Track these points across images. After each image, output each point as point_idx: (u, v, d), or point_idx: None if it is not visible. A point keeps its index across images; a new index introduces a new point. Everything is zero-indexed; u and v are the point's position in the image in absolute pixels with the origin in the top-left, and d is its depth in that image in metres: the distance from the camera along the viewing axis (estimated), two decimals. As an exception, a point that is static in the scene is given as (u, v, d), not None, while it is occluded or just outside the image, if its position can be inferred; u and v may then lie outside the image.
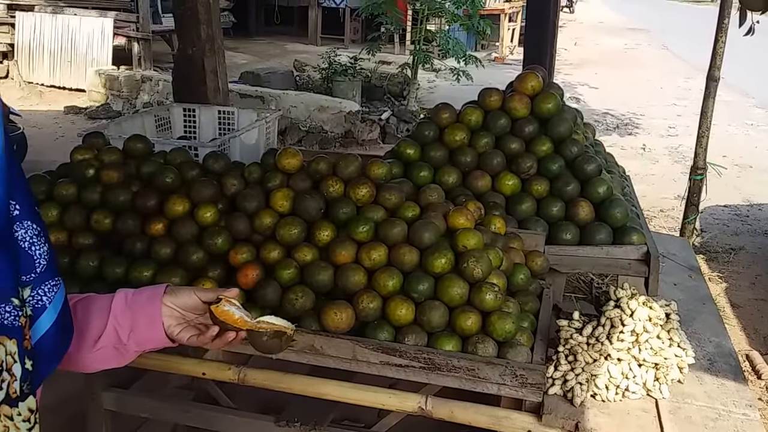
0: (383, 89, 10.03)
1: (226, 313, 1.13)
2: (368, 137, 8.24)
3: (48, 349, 0.96)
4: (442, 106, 2.33)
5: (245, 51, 13.36)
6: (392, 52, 13.19)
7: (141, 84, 9.33)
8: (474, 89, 2.63)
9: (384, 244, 1.84)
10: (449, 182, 2.21)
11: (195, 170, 2.04)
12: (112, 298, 1.14)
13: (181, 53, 4.61)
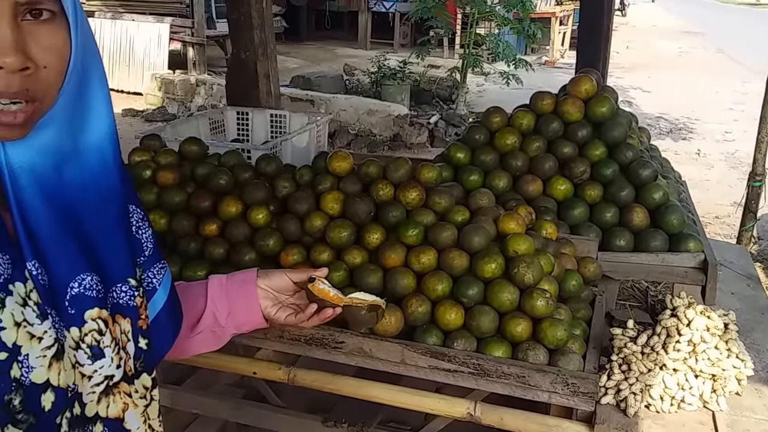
0: (432, 93, 10.02)
1: (323, 290, 1.18)
2: (416, 141, 8.22)
3: (161, 330, 1.00)
4: (493, 109, 2.31)
5: (296, 55, 13.52)
6: (441, 56, 13.16)
7: (195, 88, 9.52)
8: (524, 93, 2.60)
9: (433, 248, 1.82)
10: (500, 186, 2.18)
11: (248, 172, 2.06)
12: (206, 284, 1.17)
13: (235, 57, 4.68)
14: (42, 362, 0.78)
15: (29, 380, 0.77)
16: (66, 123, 0.81)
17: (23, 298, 0.78)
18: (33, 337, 0.78)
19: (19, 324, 0.77)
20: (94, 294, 0.86)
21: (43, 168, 0.80)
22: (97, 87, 0.84)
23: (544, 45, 14.95)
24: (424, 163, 2.03)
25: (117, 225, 0.90)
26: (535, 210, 2.06)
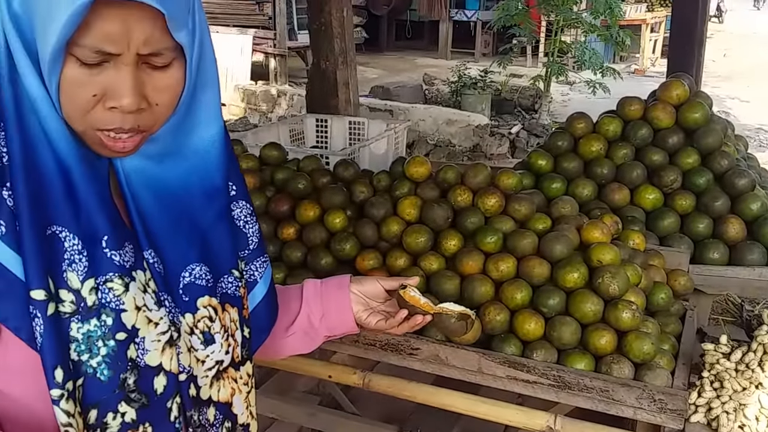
0: (513, 102, 9.92)
1: (414, 298, 1.20)
2: (497, 151, 8.15)
3: (260, 321, 1.08)
4: (577, 115, 2.27)
5: (375, 66, 13.68)
6: (524, 65, 13.03)
7: (276, 98, 9.78)
8: (611, 103, 2.54)
9: (512, 256, 1.81)
10: (583, 195, 2.14)
11: (326, 177, 2.11)
12: (302, 287, 1.24)
13: (315, 67, 4.79)
14: (156, 346, 0.86)
15: (144, 362, 0.85)
16: (173, 134, 0.90)
17: (143, 285, 0.86)
18: (150, 322, 0.86)
19: (139, 308, 0.85)
20: (204, 283, 0.94)
21: (152, 170, 0.90)
22: (208, 100, 0.92)
23: (634, 53, 14.56)
24: (504, 169, 2.02)
25: (221, 220, 0.98)
26: (622, 220, 2.02)
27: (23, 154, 0.79)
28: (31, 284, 0.78)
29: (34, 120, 0.80)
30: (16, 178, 0.79)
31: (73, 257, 0.81)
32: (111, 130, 0.81)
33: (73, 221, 0.82)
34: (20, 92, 0.80)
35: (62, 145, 0.81)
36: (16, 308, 0.78)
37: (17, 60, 0.79)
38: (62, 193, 0.81)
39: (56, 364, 0.79)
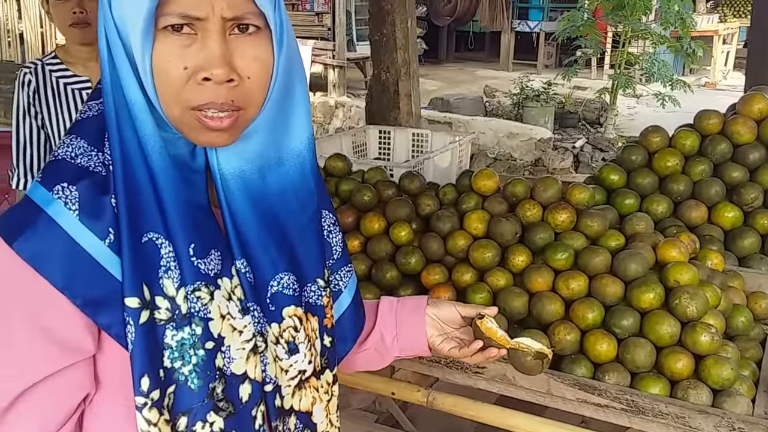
0: (578, 116, 9.80)
1: (491, 329, 1.19)
2: (560, 166, 8.05)
3: (344, 330, 1.11)
4: (652, 129, 2.23)
5: (435, 77, 13.71)
6: (588, 77, 12.85)
7: (334, 110, 9.89)
8: (681, 116, 2.48)
9: (584, 274, 1.78)
10: (658, 212, 2.10)
11: (391, 189, 2.12)
12: (377, 304, 1.25)
13: (376, 78, 4.84)
14: (241, 354, 0.88)
15: (230, 370, 0.88)
16: (270, 132, 0.92)
17: (228, 293, 0.88)
18: (234, 330, 0.88)
19: (223, 316, 0.87)
20: (291, 293, 0.96)
21: (250, 174, 0.92)
22: (299, 97, 0.95)
23: (704, 65, 14.21)
24: (575, 183, 2.00)
25: (311, 228, 1.00)
26: (699, 239, 1.97)
27: (122, 161, 0.83)
28: (125, 291, 0.81)
29: (131, 126, 0.84)
30: (117, 185, 0.82)
31: (169, 264, 0.84)
32: (206, 107, 0.83)
33: (168, 228, 0.84)
34: (120, 99, 0.83)
35: (157, 151, 0.84)
36: (121, 316, 0.81)
37: (118, 64, 0.83)
38: (156, 200, 0.84)
39: (144, 372, 0.81)
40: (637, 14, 8.75)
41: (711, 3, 15.63)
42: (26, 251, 0.78)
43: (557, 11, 14.85)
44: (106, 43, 0.84)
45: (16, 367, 0.80)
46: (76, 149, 0.85)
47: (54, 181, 0.82)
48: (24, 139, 2.42)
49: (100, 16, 0.84)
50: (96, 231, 0.81)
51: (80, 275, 0.79)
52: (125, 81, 0.83)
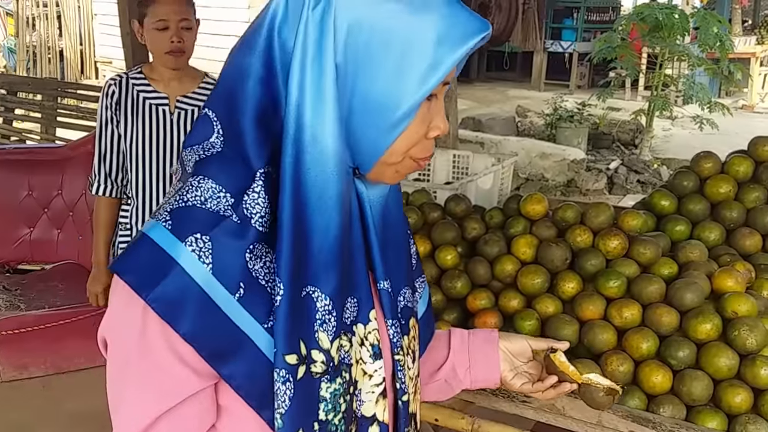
0: (612, 137, 9.71)
1: (564, 364, 1.18)
2: (593, 187, 7.98)
3: (421, 336, 1.12)
4: (703, 154, 2.19)
5: (466, 97, 13.69)
6: (623, 98, 12.74)
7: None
8: (718, 139, 2.44)
9: (637, 302, 1.74)
10: (710, 239, 2.05)
11: (437, 212, 2.10)
12: (449, 335, 1.25)
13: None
14: (371, 398, 0.91)
15: (361, 413, 0.90)
16: None
17: (361, 338, 0.90)
18: (365, 374, 0.90)
19: (357, 361, 0.89)
20: (411, 305, 1.01)
21: (384, 193, 0.94)
22: None
23: (741, 88, 14.03)
24: (628, 210, 1.96)
25: (408, 241, 1.05)
26: (754, 268, 1.92)
27: (295, 215, 0.81)
28: (284, 348, 0.81)
29: (314, 177, 0.81)
30: (284, 239, 0.80)
31: (325, 317, 0.84)
32: (426, 158, 0.88)
33: (325, 280, 0.84)
34: (303, 151, 0.80)
35: (339, 201, 0.83)
36: (243, 367, 0.81)
37: (321, 115, 0.80)
38: (320, 250, 0.83)
39: (298, 427, 0.82)
40: (674, 36, 8.68)
41: (747, 25, 15.46)
42: (159, 303, 0.78)
43: (590, 32, 14.79)
44: (298, 95, 0.79)
45: (153, 391, 0.81)
46: (205, 192, 0.82)
47: (186, 230, 0.80)
48: (105, 148, 2.58)
49: (309, 56, 0.79)
50: (228, 285, 0.80)
51: (209, 329, 0.79)
52: (325, 133, 0.80)
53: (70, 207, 4.10)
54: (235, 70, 0.84)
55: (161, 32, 2.43)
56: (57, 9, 12.66)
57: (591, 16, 15.39)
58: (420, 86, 0.79)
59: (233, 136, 0.83)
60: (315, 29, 0.78)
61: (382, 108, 0.80)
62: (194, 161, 0.85)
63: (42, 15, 12.53)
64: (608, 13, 15.48)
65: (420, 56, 0.79)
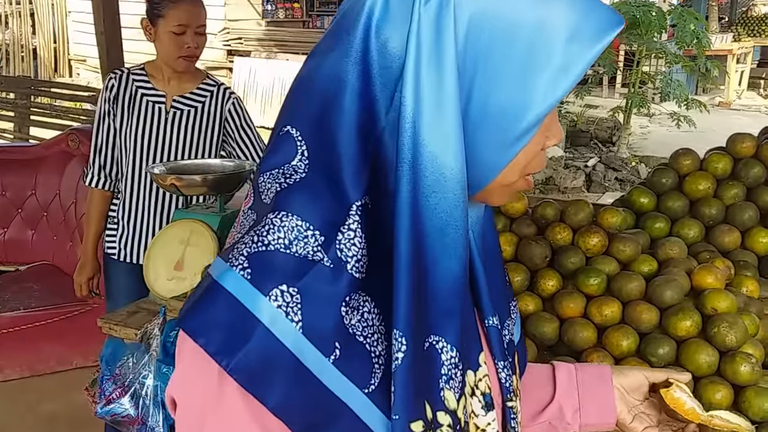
0: (590, 134, 9.78)
1: (677, 401, 1.02)
2: (571, 185, 8.02)
3: None
4: (682, 151, 2.20)
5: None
6: (600, 96, 12.85)
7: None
8: (695, 136, 2.46)
9: (617, 300, 1.75)
10: (690, 236, 2.06)
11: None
12: (552, 370, 1.08)
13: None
14: None
15: None
16: None
17: (472, 388, 0.78)
18: (477, 429, 0.78)
19: (469, 415, 0.78)
20: (514, 338, 0.90)
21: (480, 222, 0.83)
22: None
23: (719, 85, 14.20)
24: (607, 207, 1.97)
25: (503, 265, 0.93)
26: (733, 264, 1.93)
27: (413, 253, 0.68)
28: (407, 414, 0.68)
29: (434, 205, 0.69)
30: (401, 284, 0.67)
31: (450, 372, 0.73)
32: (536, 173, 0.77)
33: (451, 327, 0.72)
34: (421, 175, 0.68)
35: (464, 232, 0.71)
36: None
37: (441, 128, 0.68)
38: (448, 294, 0.71)
39: None
40: (652, 33, 8.75)
41: (724, 22, 15.64)
42: (242, 374, 0.66)
43: (569, 29, 14.87)
44: (415, 96, 0.67)
45: None
46: (290, 233, 0.67)
47: (270, 281, 0.66)
48: (101, 140, 2.61)
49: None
50: (321, 346, 0.67)
51: (301, 400, 0.67)
52: (444, 142, 0.68)
53: (44, 207, 4.05)
54: (324, 79, 0.71)
55: (178, 36, 2.45)
56: (30, 6, 12.50)
57: (569, 13, 15.48)
58: (550, 92, 0.68)
59: (323, 160, 0.70)
60: (430, 28, 0.67)
61: (504, 118, 0.68)
62: (275, 191, 0.71)
63: (15, 12, 12.37)
64: (586, 10, 15.58)
65: (549, 56, 0.67)
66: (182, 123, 2.59)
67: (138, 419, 2.06)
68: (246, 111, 2.75)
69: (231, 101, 2.68)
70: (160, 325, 2.08)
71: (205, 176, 2.26)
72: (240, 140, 2.70)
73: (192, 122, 2.61)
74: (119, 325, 2.18)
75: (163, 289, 2.24)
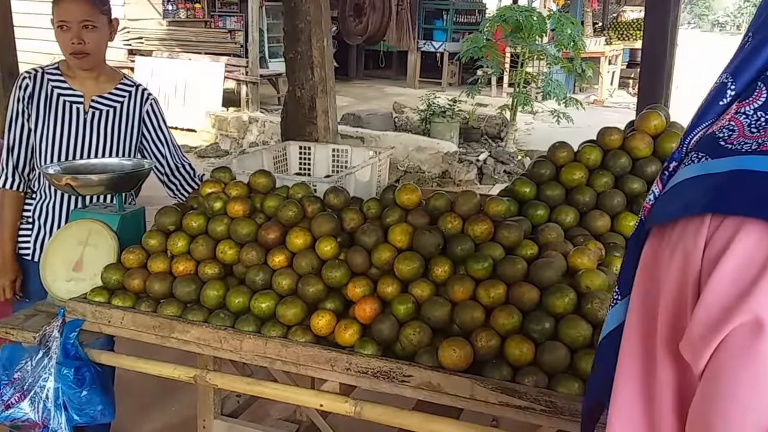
0: (481, 131, 10.05)
1: None
2: (465, 177, 8.23)
3: None
4: (559, 144, 2.29)
5: (345, 94, 13.73)
6: (489, 95, 13.22)
7: (248, 125, 9.74)
8: (573, 132, 2.58)
9: (503, 282, 1.81)
10: (566, 222, 2.15)
11: (316, 204, 2.09)
12: None
13: (291, 95, 4.78)
14: None
15: None
16: None
17: None
18: None
19: None
20: None
21: None
22: None
23: (593, 84, 14.89)
24: (493, 197, 2.03)
25: None
26: (604, 246, 2.03)
27: None
28: None
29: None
30: None
31: None
32: None
33: None
34: None
35: None
36: None
37: None
38: None
39: None
40: (533, 36, 9.09)
41: (598, 26, 16.40)
42: None
43: (460, 33, 15.22)
44: None
45: None
46: None
47: None
48: (14, 141, 2.46)
49: None
50: None
51: None
52: None
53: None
54: None
55: (63, 32, 2.33)
56: None
57: (459, 17, 15.84)
58: None
59: None
60: None
61: None
62: None
63: None
64: (474, 15, 16.00)
65: None
66: (101, 123, 2.49)
67: (39, 423, 1.96)
68: (162, 112, 2.67)
69: (149, 102, 2.61)
70: (59, 326, 1.99)
71: (102, 176, 2.17)
72: (158, 140, 2.63)
73: (111, 122, 2.50)
74: (16, 329, 2.07)
75: (61, 290, 2.13)
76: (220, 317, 1.95)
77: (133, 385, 3.25)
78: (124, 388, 2.85)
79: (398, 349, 1.83)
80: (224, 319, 1.95)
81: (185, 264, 2.07)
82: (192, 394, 2.22)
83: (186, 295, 2.01)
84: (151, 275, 2.08)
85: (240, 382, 2.01)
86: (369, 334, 1.85)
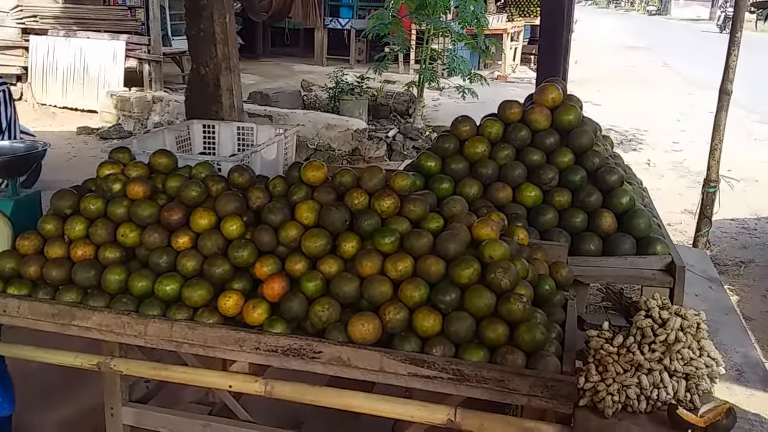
0: (389, 107, 10.05)
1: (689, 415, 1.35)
2: (375, 154, 8.23)
3: None
4: (461, 118, 2.32)
5: (253, 72, 13.41)
6: (397, 72, 13.23)
7: (152, 104, 9.36)
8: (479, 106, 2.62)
9: (410, 256, 1.82)
10: (470, 194, 2.19)
11: (220, 184, 2.02)
12: None
13: (195, 73, 4.61)
14: None
15: None
16: None
17: None
18: None
19: None
20: None
21: None
22: None
23: (497, 60, 15.18)
24: (398, 171, 2.03)
25: None
26: (506, 216, 2.07)
27: None
28: None
29: None
30: None
31: None
32: None
33: None
34: None
35: None
36: None
37: None
38: None
39: None
40: (438, 13, 9.13)
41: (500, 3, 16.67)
42: None
43: (366, 9, 15.12)
44: None
45: None
46: None
47: None
48: None
49: None
50: None
51: None
52: None
53: None
54: None
55: None
56: None
57: (365, -6, 15.70)
58: None
59: None
60: None
61: None
62: None
63: None
64: (380, -8, 15.89)
65: None
66: None
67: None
68: (13, 98, 2.56)
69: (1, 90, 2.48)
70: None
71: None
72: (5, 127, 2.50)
73: None
74: None
75: (-52, 282, 1.98)
76: (123, 302, 1.87)
77: (36, 377, 3.09)
78: (25, 380, 2.71)
79: (308, 326, 1.81)
80: (127, 304, 1.87)
81: (84, 248, 1.96)
82: (100, 381, 2.13)
83: (86, 281, 1.92)
84: (48, 261, 1.97)
85: (146, 367, 1.94)
86: (278, 313, 1.82)
